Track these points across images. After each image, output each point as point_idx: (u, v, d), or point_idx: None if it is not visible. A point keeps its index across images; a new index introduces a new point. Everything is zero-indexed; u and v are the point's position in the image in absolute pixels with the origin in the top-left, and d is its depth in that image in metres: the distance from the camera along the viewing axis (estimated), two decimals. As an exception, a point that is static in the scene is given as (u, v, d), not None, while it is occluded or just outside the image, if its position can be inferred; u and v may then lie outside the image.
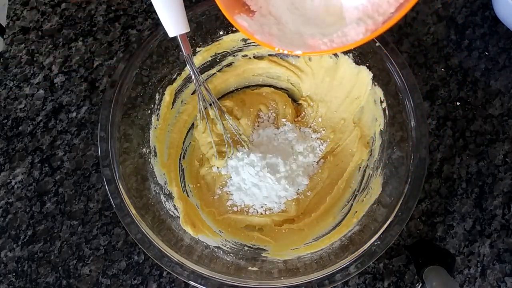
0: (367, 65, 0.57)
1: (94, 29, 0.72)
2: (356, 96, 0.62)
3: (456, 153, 0.64)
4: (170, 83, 0.60)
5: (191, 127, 0.65)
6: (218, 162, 0.62)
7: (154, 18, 0.72)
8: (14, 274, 0.59)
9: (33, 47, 0.70)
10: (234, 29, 0.61)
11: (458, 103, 0.66)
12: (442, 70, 0.68)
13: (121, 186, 0.50)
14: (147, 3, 0.73)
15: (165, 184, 0.58)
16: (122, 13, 0.73)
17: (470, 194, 0.63)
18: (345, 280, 0.46)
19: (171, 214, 0.56)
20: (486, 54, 0.69)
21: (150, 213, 0.52)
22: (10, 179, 0.63)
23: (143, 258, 0.60)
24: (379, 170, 0.57)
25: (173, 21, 0.47)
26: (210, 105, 0.58)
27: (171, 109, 0.62)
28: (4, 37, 0.72)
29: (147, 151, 0.58)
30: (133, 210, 0.49)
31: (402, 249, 0.60)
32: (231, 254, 0.55)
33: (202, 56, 0.62)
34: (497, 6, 0.67)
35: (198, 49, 0.60)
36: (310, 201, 0.62)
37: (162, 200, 0.56)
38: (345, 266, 0.46)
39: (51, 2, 0.74)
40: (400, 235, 0.56)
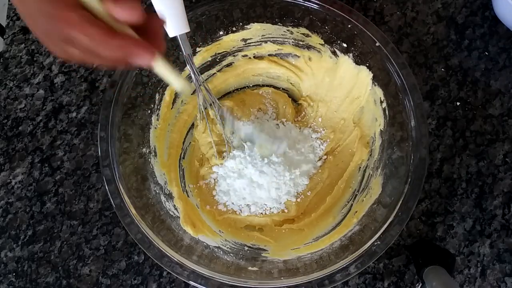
0: (367, 65, 0.57)
1: (94, 29, 0.72)
2: (356, 96, 0.62)
3: (456, 153, 0.64)
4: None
5: (191, 127, 0.65)
6: (218, 162, 0.62)
7: (154, 18, 0.72)
8: (14, 274, 0.59)
9: (33, 47, 0.70)
10: (234, 29, 0.61)
11: (458, 103, 0.66)
12: (442, 70, 0.68)
13: (121, 186, 0.50)
14: (147, 3, 0.73)
15: (165, 184, 0.58)
16: (122, 13, 0.73)
17: (470, 194, 0.63)
18: (345, 280, 0.46)
19: (171, 214, 0.56)
20: (486, 54, 0.69)
21: (150, 213, 0.52)
22: (10, 179, 0.64)
23: (143, 258, 0.60)
24: (379, 170, 0.57)
25: (173, 21, 0.47)
26: (210, 105, 0.58)
27: (171, 109, 0.62)
28: (4, 37, 0.72)
29: (147, 151, 0.58)
30: (133, 210, 0.49)
31: (402, 249, 0.60)
32: (231, 254, 0.55)
33: (202, 56, 0.62)
34: (497, 6, 0.67)
35: (198, 49, 0.60)
36: (310, 201, 0.62)
37: (162, 200, 0.56)
38: (345, 266, 0.46)
39: (51, 2, 0.74)
40: (400, 235, 0.56)
